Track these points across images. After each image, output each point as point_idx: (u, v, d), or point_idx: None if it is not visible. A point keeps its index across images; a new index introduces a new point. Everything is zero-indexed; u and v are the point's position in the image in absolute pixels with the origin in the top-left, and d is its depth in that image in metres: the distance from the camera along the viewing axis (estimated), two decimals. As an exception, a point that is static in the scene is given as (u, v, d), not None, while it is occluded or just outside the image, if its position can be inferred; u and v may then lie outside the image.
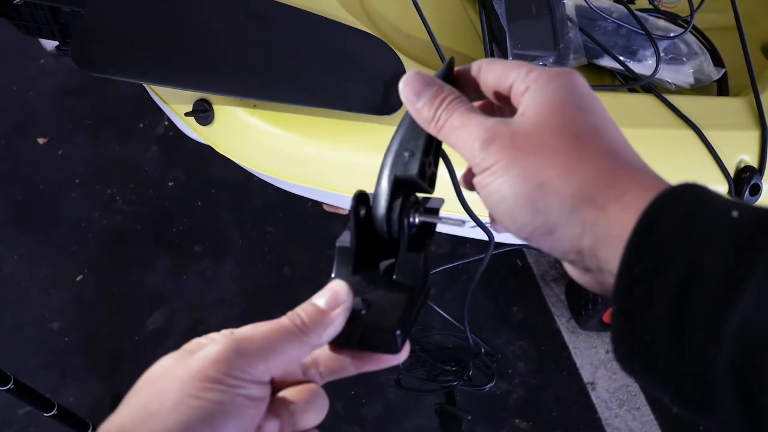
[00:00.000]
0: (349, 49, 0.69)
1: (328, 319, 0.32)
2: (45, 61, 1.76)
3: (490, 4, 0.80)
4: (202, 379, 0.29)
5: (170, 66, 0.66)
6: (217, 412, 0.28)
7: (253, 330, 0.31)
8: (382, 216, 0.35)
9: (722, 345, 0.24)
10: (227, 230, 1.55)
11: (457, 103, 0.34)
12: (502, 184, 0.30)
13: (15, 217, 1.55)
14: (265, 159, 0.73)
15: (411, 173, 0.35)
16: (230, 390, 0.29)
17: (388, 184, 0.35)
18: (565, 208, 0.29)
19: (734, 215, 0.25)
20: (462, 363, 1.19)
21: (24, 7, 0.72)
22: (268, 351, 0.30)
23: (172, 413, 0.28)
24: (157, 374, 0.30)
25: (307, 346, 0.32)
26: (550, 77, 0.32)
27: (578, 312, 1.45)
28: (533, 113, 0.31)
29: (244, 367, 0.29)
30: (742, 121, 0.78)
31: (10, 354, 1.36)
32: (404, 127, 0.36)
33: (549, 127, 0.30)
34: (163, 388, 0.29)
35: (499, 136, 0.31)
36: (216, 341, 0.30)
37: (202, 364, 0.29)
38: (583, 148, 0.30)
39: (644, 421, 1.41)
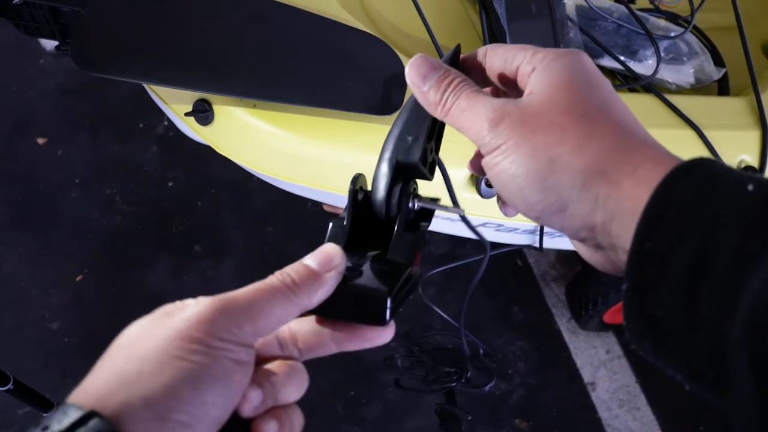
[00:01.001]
0: (349, 49, 0.69)
1: (320, 281, 0.31)
2: (45, 61, 1.76)
3: (491, 3, 0.80)
4: (188, 340, 0.27)
5: (170, 66, 0.66)
6: (204, 375, 0.27)
7: (238, 291, 0.30)
8: (381, 199, 0.35)
9: (736, 319, 0.23)
10: (227, 230, 1.55)
11: (464, 85, 0.33)
12: (512, 162, 0.30)
13: (15, 217, 1.55)
14: (265, 159, 0.73)
15: (413, 158, 0.35)
16: (217, 352, 0.27)
17: (389, 168, 0.35)
18: (576, 184, 0.29)
19: (750, 189, 0.25)
20: (460, 364, 1.19)
21: (24, 7, 0.72)
22: (255, 311, 0.29)
23: (154, 376, 0.26)
24: (133, 337, 0.29)
25: (295, 307, 0.30)
26: (556, 57, 0.32)
27: (578, 312, 1.45)
28: (541, 92, 0.31)
29: (231, 328, 0.28)
30: (742, 121, 0.78)
31: (9, 354, 1.36)
32: (407, 112, 0.36)
33: (557, 105, 0.30)
34: (142, 350, 0.27)
35: (507, 115, 0.31)
36: (199, 302, 0.29)
37: (186, 324, 0.28)
38: (592, 124, 0.29)
39: (644, 422, 1.41)
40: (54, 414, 0.25)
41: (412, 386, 1.29)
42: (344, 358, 0.39)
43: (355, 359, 1.37)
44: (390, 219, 0.35)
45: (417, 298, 1.46)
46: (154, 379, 0.26)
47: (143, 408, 0.25)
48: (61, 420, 0.25)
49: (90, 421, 0.25)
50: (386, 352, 1.36)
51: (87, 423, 0.25)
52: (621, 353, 1.48)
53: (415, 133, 0.35)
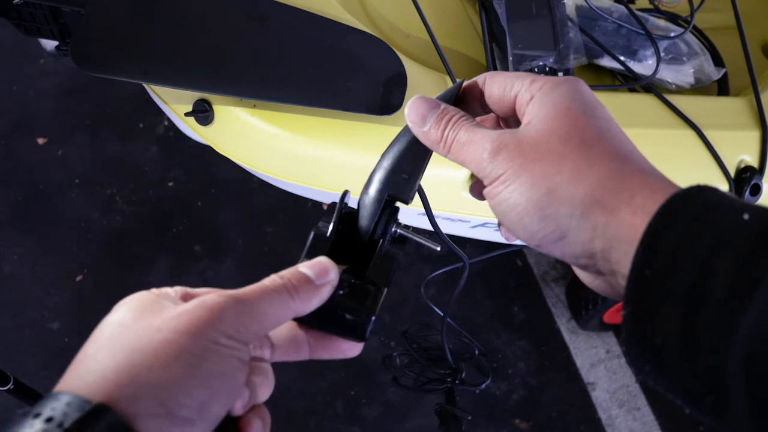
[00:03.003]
0: (349, 49, 0.69)
1: (316, 291, 0.32)
2: (45, 61, 1.76)
3: (490, 3, 0.80)
4: (200, 337, 0.27)
5: (170, 66, 0.66)
6: (214, 373, 0.27)
7: (242, 290, 0.30)
8: (367, 226, 0.37)
9: (734, 347, 0.24)
10: (227, 230, 1.55)
11: (462, 120, 0.34)
12: (512, 192, 0.31)
13: (15, 217, 1.55)
14: (265, 159, 0.73)
15: (405, 197, 0.37)
16: (226, 350, 0.28)
17: (379, 200, 0.37)
18: (575, 213, 0.29)
19: (745, 218, 0.25)
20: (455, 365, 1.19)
21: (24, 7, 0.72)
22: (259, 311, 0.29)
23: (166, 371, 0.26)
24: (128, 323, 0.28)
25: (291, 312, 0.31)
26: (553, 85, 0.32)
27: (578, 312, 1.45)
28: (539, 121, 0.31)
29: (239, 327, 0.28)
30: (742, 121, 0.78)
31: (10, 354, 1.36)
32: (405, 146, 0.37)
33: (555, 134, 0.31)
34: (146, 343, 0.27)
35: (506, 146, 0.31)
36: (205, 300, 0.29)
37: (196, 320, 0.27)
38: (589, 153, 0.30)
39: (644, 422, 1.41)
40: (53, 403, 0.25)
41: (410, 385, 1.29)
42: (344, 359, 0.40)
43: (356, 359, 1.37)
44: (372, 241, 0.37)
45: (418, 298, 1.46)
46: (166, 374, 0.26)
47: (155, 404, 0.25)
48: (68, 412, 0.24)
49: (102, 416, 0.24)
50: (385, 351, 1.36)
51: (99, 417, 0.24)
52: (621, 353, 1.48)
53: (411, 171, 0.37)
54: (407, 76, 0.69)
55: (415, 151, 0.37)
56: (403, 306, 1.47)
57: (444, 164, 0.72)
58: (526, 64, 0.78)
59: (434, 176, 0.71)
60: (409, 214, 0.78)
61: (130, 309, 0.29)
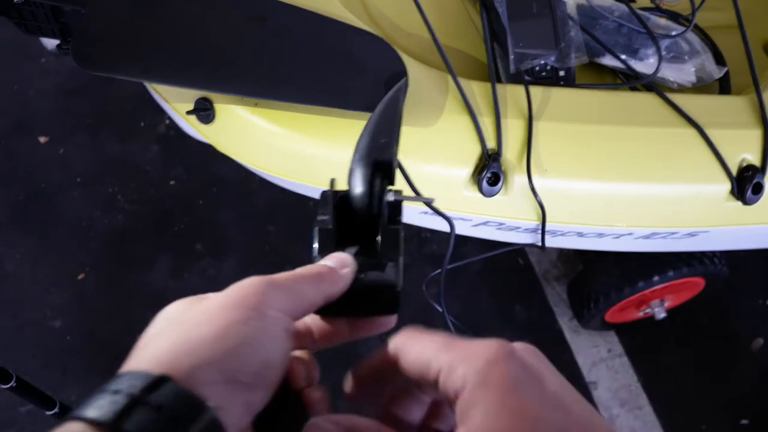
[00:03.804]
0: (350, 47, 0.69)
1: (339, 275, 0.34)
2: (46, 60, 1.76)
3: (491, 2, 0.80)
4: (245, 308, 0.28)
5: (171, 64, 0.66)
6: (263, 339, 0.28)
7: (276, 275, 0.31)
8: (362, 193, 0.37)
9: None
10: (228, 229, 1.55)
11: None
12: None
13: (16, 217, 1.55)
14: (267, 157, 0.73)
15: (389, 157, 0.38)
16: (271, 320, 0.29)
17: (368, 166, 0.38)
18: None
19: None
20: None
21: (25, 6, 0.72)
22: (293, 290, 0.31)
23: (219, 340, 0.27)
24: (179, 312, 0.30)
25: (322, 294, 0.32)
26: (485, 366, 0.27)
27: (580, 311, 1.45)
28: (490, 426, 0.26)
29: (278, 303, 0.30)
30: (744, 119, 0.78)
31: (11, 353, 1.36)
32: (377, 115, 0.39)
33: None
34: (197, 320, 0.28)
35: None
36: (245, 280, 0.30)
37: (240, 295, 0.29)
38: None
39: (646, 421, 1.41)
40: (117, 380, 0.26)
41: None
42: (344, 359, 0.41)
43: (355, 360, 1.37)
44: (371, 215, 0.38)
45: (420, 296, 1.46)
46: (219, 343, 0.27)
47: (213, 371, 0.26)
48: (133, 384, 0.25)
49: (163, 385, 0.25)
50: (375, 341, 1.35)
51: (160, 387, 0.25)
52: (622, 352, 1.47)
53: (388, 135, 0.38)
54: (408, 75, 0.69)
55: (388, 117, 0.39)
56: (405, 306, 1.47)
57: (443, 163, 0.72)
58: (528, 62, 0.77)
59: (434, 175, 0.71)
60: (411, 213, 0.78)
61: (177, 304, 0.31)
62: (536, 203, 0.73)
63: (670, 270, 1.14)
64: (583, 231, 0.81)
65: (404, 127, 0.69)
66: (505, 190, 0.74)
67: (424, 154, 0.71)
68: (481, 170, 0.71)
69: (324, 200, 0.38)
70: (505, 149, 0.73)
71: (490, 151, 0.72)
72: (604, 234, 0.82)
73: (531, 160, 0.72)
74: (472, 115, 0.71)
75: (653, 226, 0.80)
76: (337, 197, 0.38)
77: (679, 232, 0.82)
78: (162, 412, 0.24)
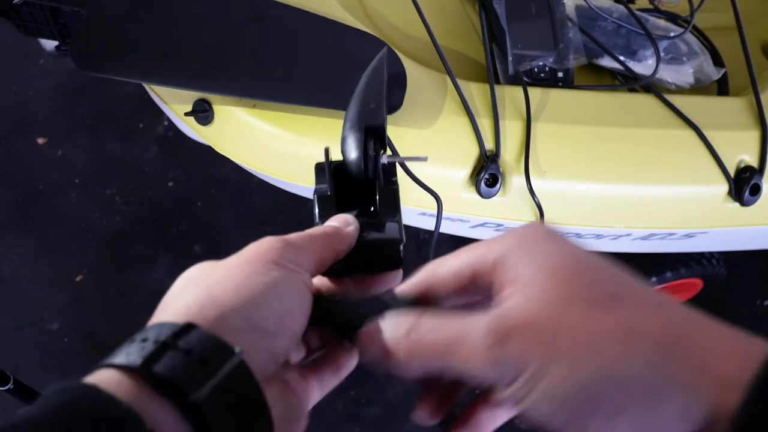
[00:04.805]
0: (348, 49, 0.69)
1: (345, 232, 0.35)
2: (45, 61, 1.76)
3: (490, 3, 0.80)
4: (264, 260, 0.30)
5: (170, 66, 0.66)
6: (284, 287, 0.29)
7: (291, 235, 0.33)
8: (358, 158, 0.38)
9: None
10: (227, 230, 1.55)
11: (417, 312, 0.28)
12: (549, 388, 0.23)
13: (14, 218, 1.54)
14: (265, 159, 0.73)
15: (379, 121, 0.39)
16: (290, 272, 0.30)
17: (360, 130, 0.39)
18: (638, 399, 0.22)
19: None
20: None
21: (23, 7, 0.72)
22: (306, 248, 0.32)
23: (241, 289, 0.28)
24: (200, 272, 0.30)
25: (331, 252, 0.33)
26: (519, 242, 0.27)
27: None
28: (533, 290, 0.25)
29: (294, 257, 0.31)
30: (742, 120, 0.78)
31: (9, 354, 1.36)
32: (364, 83, 0.41)
33: (565, 301, 0.24)
34: (218, 276, 0.29)
35: (514, 328, 0.24)
36: (260, 240, 0.32)
37: (257, 251, 0.30)
38: (621, 313, 0.24)
39: (644, 422, 1.41)
40: (145, 331, 0.26)
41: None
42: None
43: (355, 359, 1.37)
44: (367, 178, 0.39)
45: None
46: (242, 292, 0.28)
47: (238, 318, 0.27)
48: (160, 333, 0.26)
49: (191, 332, 0.26)
50: None
51: (189, 333, 0.26)
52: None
53: (376, 101, 0.40)
54: (407, 76, 0.69)
55: (374, 85, 0.41)
56: (403, 306, 1.47)
57: (442, 164, 0.72)
58: (526, 64, 0.78)
59: (433, 176, 0.71)
60: (409, 214, 0.78)
61: (197, 267, 0.31)
62: (534, 204, 0.73)
63: (668, 271, 1.14)
64: (581, 232, 0.81)
65: (402, 128, 0.69)
66: (504, 191, 0.74)
67: (422, 155, 0.71)
68: (480, 171, 0.72)
69: (320, 170, 0.40)
70: (504, 150, 0.73)
71: (489, 152, 0.72)
72: (602, 235, 0.82)
73: (529, 162, 0.72)
74: (471, 117, 0.71)
75: (651, 227, 0.80)
76: (332, 166, 0.39)
77: (677, 233, 0.82)
78: (191, 355, 0.25)
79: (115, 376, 0.24)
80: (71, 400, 0.23)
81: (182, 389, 0.24)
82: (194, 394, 0.24)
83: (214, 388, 0.24)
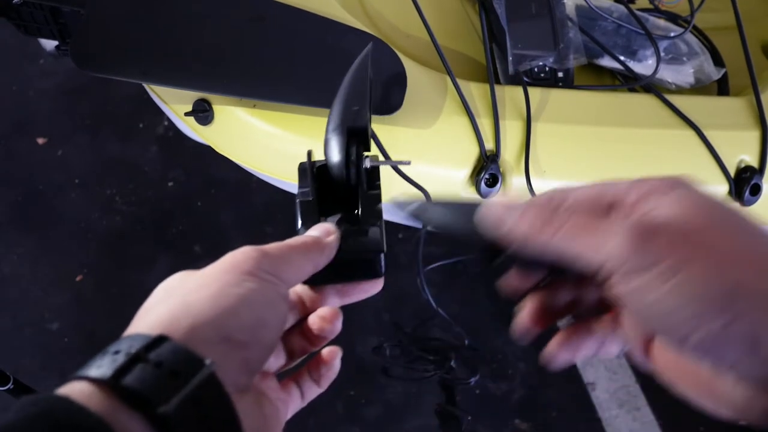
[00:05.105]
0: (348, 48, 0.69)
1: (325, 243, 0.35)
2: (45, 61, 1.76)
3: (490, 3, 0.80)
4: (239, 272, 0.30)
5: (170, 66, 0.66)
6: (258, 298, 0.29)
7: (270, 245, 0.33)
8: (340, 162, 0.38)
9: None
10: (227, 230, 1.55)
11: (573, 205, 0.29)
12: (679, 284, 0.24)
13: (14, 218, 1.55)
14: (265, 159, 0.73)
15: (362, 123, 0.38)
16: (265, 282, 0.30)
17: (342, 134, 0.38)
18: (765, 316, 0.24)
19: None
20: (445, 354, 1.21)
21: (23, 7, 0.72)
22: (284, 258, 0.32)
23: (215, 301, 0.28)
24: (177, 282, 0.31)
25: (311, 263, 0.34)
26: (667, 186, 0.28)
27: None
28: (674, 212, 0.26)
29: (271, 268, 0.31)
30: (742, 120, 0.78)
31: (9, 354, 1.36)
32: (347, 86, 0.40)
33: (704, 224, 0.26)
34: (194, 286, 0.29)
35: (660, 227, 0.26)
36: (238, 249, 0.32)
37: (233, 261, 0.31)
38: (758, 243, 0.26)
39: (645, 422, 1.41)
40: (118, 342, 0.27)
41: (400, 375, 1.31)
42: (343, 359, 0.41)
43: (355, 360, 1.37)
44: (349, 182, 0.38)
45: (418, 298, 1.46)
46: (216, 303, 0.28)
47: (210, 330, 0.27)
48: (132, 345, 0.26)
49: (162, 344, 0.26)
50: (375, 343, 1.36)
51: (159, 345, 0.26)
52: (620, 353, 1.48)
53: (359, 103, 0.39)
54: (407, 76, 0.69)
55: (357, 85, 0.40)
56: (402, 308, 1.47)
57: (442, 164, 0.72)
58: (526, 63, 0.78)
59: (433, 176, 0.71)
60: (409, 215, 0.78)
61: (174, 276, 0.32)
62: (535, 204, 0.73)
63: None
64: (581, 232, 0.81)
65: (402, 128, 0.69)
66: (504, 191, 0.74)
67: (422, 156, 0.71)
68: (480, 171, 0.72)
69: (302, 173, 0.39)
70: (504, 150, 0.73)
71: (489, 152, 0.72)
72: (603, 235, 0.82)
73: (529, 162, 0.72)
74: (471, 117, 0.71)
75: (652, 227, 0.80)
76: (314, 168, 0.39)
77: (677, 234, 0.82)
78: (162, 368, 0.25)
79: (86, 388, 0.25)
80: (45, 410, 0.23)
81: (151, 402, 0.24)
82: (163, 406, 0.24)
83: (183, 401, 0.25)
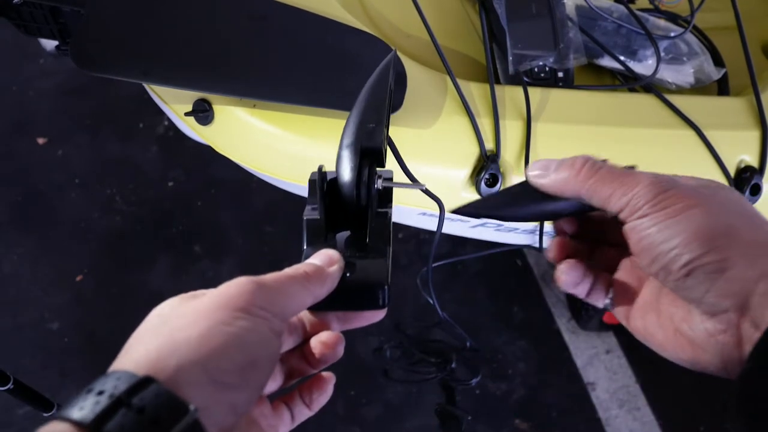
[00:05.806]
0: (349, 48, 0.69)
1: (327, 273, 0.34)
2: (45, 61, 1.76)
3: (490, 3, 0.80)
4: (232, 309, 0.29)
5: (170, 66, 0.66)
6: (249, 339, 0.28)
7: (265, 275, 0.32)
8: (351, 182, 0.36)
9: None
10: (227, 230, 1.55)
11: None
12: (680, 221, 0.31)
13: (15, 217, 1.55)
14: (265, 159, 0.73)
15: (377, 143, 0.36)
16: (258, 320, 0.29)
17: (355, 153, 0.36)
18: (749, 252, 0.30)
19: None
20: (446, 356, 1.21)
21: (24, 7, 0.72)
22: (281, 291, 0.31)
23: (204, 340, 0.27)
24: (168, 313, 0.30)
25: (310, 295, 0.33)
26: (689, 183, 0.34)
27: (578, 312, 1.45)
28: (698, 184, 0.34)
29: (265, 303, 0.30)
30: (742, 120, 0.78)
31: (9, 354, 1.36)
32: (363, 101, 0.38)
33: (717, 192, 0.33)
34: (185, 321, 0.29)
35: (675, 186, 0.33)
36: (236, 280, 0.31)
37: (228, 296, 0.30)
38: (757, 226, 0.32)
39: (644, 422, 1.41)
40: (103, 380, 0.26)
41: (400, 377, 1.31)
42: (344, 358, 0.41)
43: (355, 359, 1.37)
44: (359, 202, 0.37)
45: (418, 298, 1.46)
46: (204, 343, 0.27)
47: (197, 372, 0.27)
48: (117, 385, 0.26)
49: (148, 386, 0.25)
50: (376, 343, 1.36)
51: (144, 388, 0.25)
52: (621, 353, 1.48)
53: (376, 120, 0.37)
54: (407, 76, 0.69)
55: (376, 98, 0.38)
56: (403, 308, 1.47)
57: (442, 164, 0.72)
58: (526, 63, 0.78)
59: (433, 176, 0.71)
60: (410, 214, 0.78)
61: (169, 302, 0.31)
62: (535, 204, 0.73)
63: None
64: (581, 232, 0.81)
65: (402, 128, 0.69)
66: (504, 191, 0.74)
67: (422, 156, 0.71)
68: (480, 171, 0.72)
69: (312, 188, 0.37)
70: (504, 150, 0.73)
71: (489, 152, 0.72)
72: (603, 235, 0.82)
73: (529, 162, 0.72)
74: (471, 117, 0.71)
75: (652, 227, 0.80)
76: (325, 183, 0.37)
77: (677, 233, 0.82)
78: (144, 414, 0.25)
79: (67, 430, 0.25)
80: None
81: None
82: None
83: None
